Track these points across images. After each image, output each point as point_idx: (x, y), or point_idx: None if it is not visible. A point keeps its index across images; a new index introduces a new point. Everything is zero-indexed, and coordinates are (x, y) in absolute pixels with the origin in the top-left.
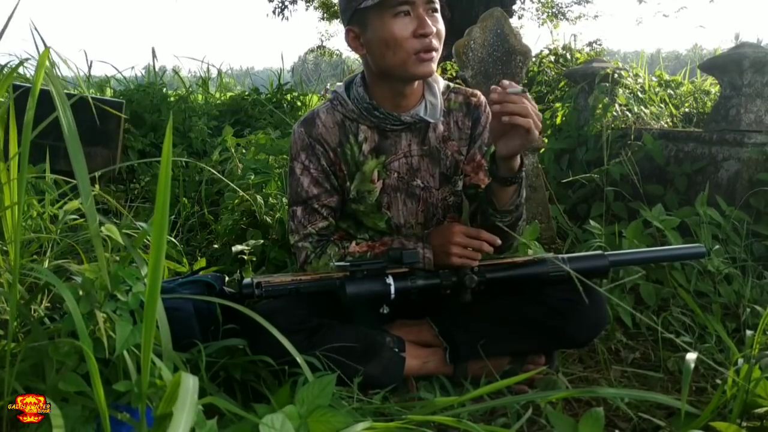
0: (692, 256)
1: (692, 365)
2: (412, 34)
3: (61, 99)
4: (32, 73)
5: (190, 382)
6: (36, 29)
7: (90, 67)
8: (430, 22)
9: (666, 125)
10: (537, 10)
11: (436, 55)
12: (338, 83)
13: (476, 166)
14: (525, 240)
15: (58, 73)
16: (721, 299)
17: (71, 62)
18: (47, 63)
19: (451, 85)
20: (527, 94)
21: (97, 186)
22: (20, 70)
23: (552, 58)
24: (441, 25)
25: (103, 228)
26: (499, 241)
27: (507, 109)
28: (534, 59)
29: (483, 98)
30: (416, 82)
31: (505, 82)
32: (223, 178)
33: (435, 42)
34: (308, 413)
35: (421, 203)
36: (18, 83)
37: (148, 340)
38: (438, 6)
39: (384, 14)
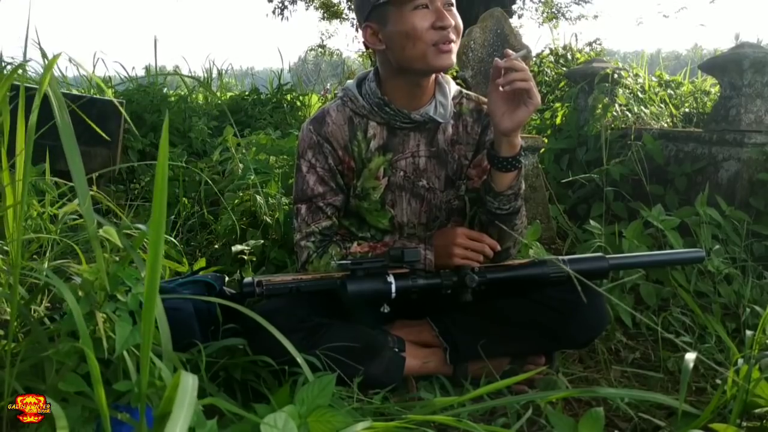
0: (691, 260)
1: (691, 365)
2: (431, 26)
3: (60, 102)
4: (35, 72)
5: (189, 381)
6: (38, 37)
7: (95, 65)
8: (449, 15)
9: (666, 125)
10: (536, 10)
11: (455, 48)
12: (348, 81)
13: (481, 171)
14: (526, 240)
15: (59, 73)
16: (721, 299)
17: (74, 62)
18: (45, 64)
19: (464, 91)
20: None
21: (94, 187)
22: (23, 69)
23: (552, 58)
24: (458, 20)
25: (101, 230)
26: (499, 247)
27: (509, 78)
28: (534, 59)
29: None
30: (430, 80)
31: (510, 51)
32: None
33: (453, 35)
34: (308, 413)
35: (425, 204)
36: (17, 84)
37: (147, 340)
38: (454, 1)
39: (403, 8)
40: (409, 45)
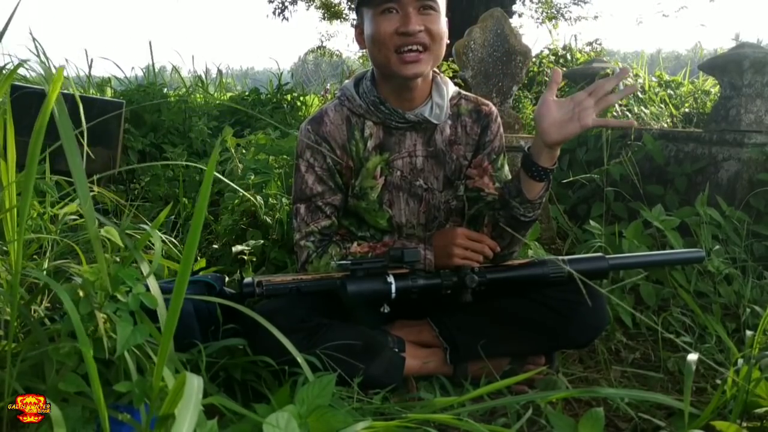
0: (691, 260)
1: (694, 366)
2: (395, 31)
3: (60, 106)
4: (31, 74)
5: (194, 383)
6: (33, 36)
7: (90, 67)
8: (415, 21)
9: (666, 125)
10: (536, 11)
11: (426, 56)
12: (346, 81)
13: (482, 171)
14: (526, 240)
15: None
16: (721, 299)
17: (72, 63)
18: (45, 65)
19: (463, 92)
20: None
21: (95, 187)
22: (19, 70)
23: (552, 58)
24: (435, 25)
25: (102, 231)
26: (499, 248)
27: (609, 98)
28: (534, 59)
29: (494, 109)
30: (418, 82)
31: (620, 70)
32: (223, 179)
33: (423, 40)
34: (308, 413)
35: (423, 204)
36: (17, 83)
37: (165, 349)
38: (434, 4)
39: (373, 11)
40: (375, 49)
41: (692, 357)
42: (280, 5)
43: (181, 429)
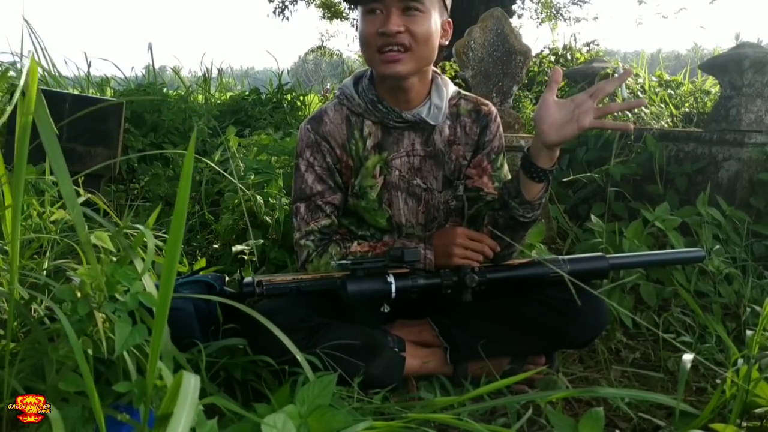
0: (692, 260)
1: (689, 365)
2: (377, 31)
3: (40, 102)
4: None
5: (191, 382)
6: (32, 31)
7: (89, 66)
8: (395, 22)
9: (666, 125)
10: (536, 11)
11: (407, 56)
12: (346, 80)
13: (481, 171)
14: (529, 240)
15: (56, 72)
16: (722, 299)
17: (70, 61)
18: (40, 63)
19: (462, 92)
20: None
21: (81, 189)
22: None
23: (552, 58)
24: (419, 26)
25: (93, 236)
26: (499, 248)
27: (610, 105)
28: (534, 59)
29: (494, 109)
30: (415, 82)
31: (622, 71)
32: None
33: (403, 41)
34: (308, 413)
35: (422, 204)
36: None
37: (156, 345)
38: (419, 5)
39: (362, 10)
40: (362, 48)
41: (687, 356)
42: (281, 5)
43: (177, 428)
